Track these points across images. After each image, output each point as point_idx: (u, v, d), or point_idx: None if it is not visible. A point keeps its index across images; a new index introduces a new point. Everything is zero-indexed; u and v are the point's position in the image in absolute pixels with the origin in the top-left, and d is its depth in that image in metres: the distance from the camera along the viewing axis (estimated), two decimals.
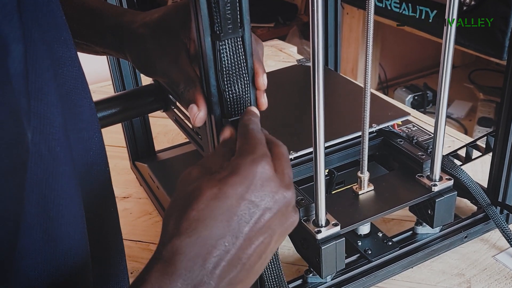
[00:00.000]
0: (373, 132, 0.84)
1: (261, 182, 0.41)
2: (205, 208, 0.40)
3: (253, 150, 0.43)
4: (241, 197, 0.41)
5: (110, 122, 0.71)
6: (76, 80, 0.44)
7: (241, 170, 0.41)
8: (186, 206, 0.40)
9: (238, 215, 0.40)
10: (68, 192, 0.41)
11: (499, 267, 0.78)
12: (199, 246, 0.39)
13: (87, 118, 0.46)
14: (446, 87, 0.69)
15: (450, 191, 0.74)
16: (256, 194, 0.41)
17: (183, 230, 0.39)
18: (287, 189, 0.43)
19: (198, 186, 0.41)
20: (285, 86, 1.00)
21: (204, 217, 0.40)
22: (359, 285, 0.73)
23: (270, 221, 0.42)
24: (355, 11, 2.22)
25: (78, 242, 0.43)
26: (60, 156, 0.40)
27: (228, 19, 0.46)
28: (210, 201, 0.40)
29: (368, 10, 0.63)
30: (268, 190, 0.42)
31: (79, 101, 0.45)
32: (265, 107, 0.52)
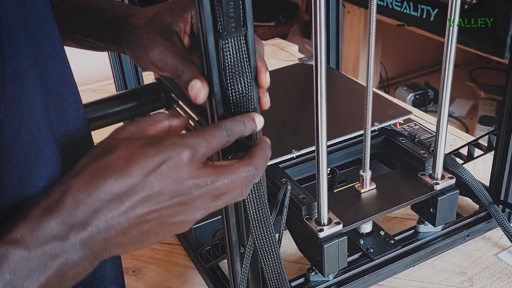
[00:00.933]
0: (375, 131, 0.84)
1: (169, 166, 0.41)
2: (111, 163, 0.40)
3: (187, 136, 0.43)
4: (147, 172, 0.40)
5: (113, 121, 0.71)
6: (61, 73, 0.45)
7: (158, 146, 0.41)
8: (98, 155, 0.41)
9: (140, 185, 0.40)
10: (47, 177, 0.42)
11: (501, 266, 0.78)
12: (90, 193, 0.39)
13: (73, 112, 0.46)
14: (448, 86, 0.69)
15: (452, 190, 0.74)
16: (158, 176, 0.41)
17: (83, 172, 0.40)
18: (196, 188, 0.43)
19: (118, 143, 0.41)
20: (287, 84, 1.00)
21: (107, 169, 0.40)
22: (361, 283, 0.73)
23: (164, 205, 0.42)
24: (356, 10, 2.22)
25: None
26: (39, 141, 0.41)
27: (231, 17, 0.46)
28: (117, 158, 0.40)
29: (370, 9, 0.63)
30: (173, 176, 0.41)
31: (64, 95, 0.45)
32: (267, 106, 0.53)
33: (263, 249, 0.56)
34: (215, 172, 0.44)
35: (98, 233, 0.40)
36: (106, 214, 0.40)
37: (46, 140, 0.42)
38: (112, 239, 0.41)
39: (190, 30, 0.58)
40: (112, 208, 0.40)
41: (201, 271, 0.79)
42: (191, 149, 0.42)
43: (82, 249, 0.39)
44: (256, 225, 0.54)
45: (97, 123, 0.69)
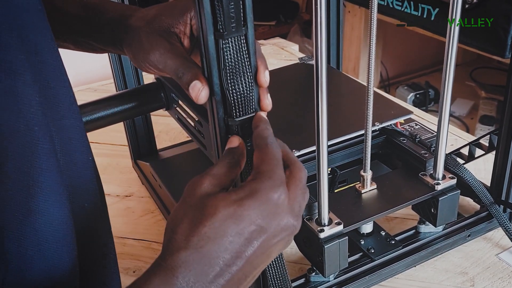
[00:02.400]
0: (376, 131, 0.84)
1: (275, 210, 0.43)
2: (218, 227, 0.41)
3: (271, 174, 0.44)
4: (254, 221, 0.42)
5: (113, 121, 0.71)
6: (54, 68, 0.44)
7: (258, 195, 0.43)
8: (198, 220, 0.42)
9: (247, 239, 0.42)
10: (47, 169, 0.42)
11: (502, 266, 0.77)
12: (205, 263, 0.41)
13: (67, 107, 0.46)
14: (450, 86, 0.69)
15: (453, 190, 0.74)
16: (268, 221, 0.43)
17: (192, 244, 0.41)
18: (296, 219, 0.45)
19: (214, 203, 0.42)
20: (287, 84, 0.99)
21: (215, 236, 0.41)
22: (362, 284, 0.73)
23: (274, 247, 0.44)
24: (356, 9, 2.22)
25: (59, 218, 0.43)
26: (38, 134, 0.41)
27: (231, 17, 0.46)
28: (223, 220, 0.41)
29: (371, 9, 0.62)
30: (279, 218, 0.43)
31: (58, 90, 0.45)
32: (269, 108, 0.52)
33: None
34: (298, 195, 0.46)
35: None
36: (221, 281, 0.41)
37: (44, 134, 0.42)
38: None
39: (189, 31, 0.58)
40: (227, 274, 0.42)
41: None
42: (284, 185, 0.44)
43: None
44: None
45: (97, 123, 0.69)
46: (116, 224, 0.54)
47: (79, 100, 0.72)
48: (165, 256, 0.42)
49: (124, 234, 0.89)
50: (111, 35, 0.60)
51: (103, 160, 1.09)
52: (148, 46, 0.56)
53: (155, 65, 0.56)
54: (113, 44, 0.61)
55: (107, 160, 1.10)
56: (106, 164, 1.08)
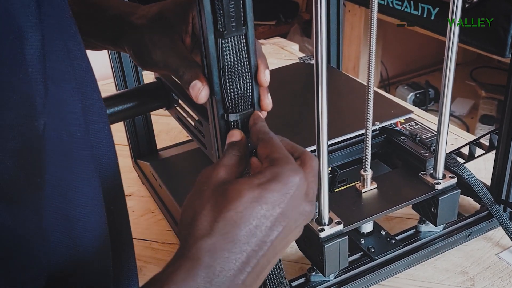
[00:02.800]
0: (376, 130, 0.84)
1: (297, 193, 0.43)
2: (244, 210, 0.41)
3: (288, 159, 0.44)
4: (278, 205, 0.42)
5: (113, 120, 0.71)
6: (86, 73, 0.44)
7: (281, 178, 0.42)
8: (222, 205, 0.41)
9: (272, 222, 0.42)
10: (85, 176, 0.42)
11: (502, 265, 0.77)
12: (231, 249, 0.40)
13: (97, 111, 0.46)
14: (450, 85, 0.69)
15: (454, 189, 0.74)
16: (290, 205, 0.43)
17: (217, 230, 0.40)
18: (312, 206, 0.45)
19: (237, 187, 0.42)
20: (287, 83, 0.99)
21: (241, 220, 0.41)
22: (362, 283, 0.73)
23: (293, 232, 0.44)
24: (356, 9, 2.22)
25: (94, 224, 0.43)
26: (80, 141, 0.41)
27: (231, 17, 0.46)
28: (249, 203, 0.41)
29: (371, 8, 0.62)
30: (299, 203, 0.43)
31: (89, 94, 0.45)
32: (270, 108, 0.53)
33: None
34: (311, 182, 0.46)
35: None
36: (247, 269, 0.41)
37: (86, 140, 0.42)
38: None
39: (191, 30, 0.58)
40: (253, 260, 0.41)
41: None
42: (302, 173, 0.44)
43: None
44: None
45: None
46: None
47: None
48: (188, 246, 0.40)
49: None
50: (112, 32, 0.60)
51: None
52: (150, 44, 0.56)
53: (156, 63, 0.56)
54: (113, 42, 0.61)
55: None
56: None
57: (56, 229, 0.40)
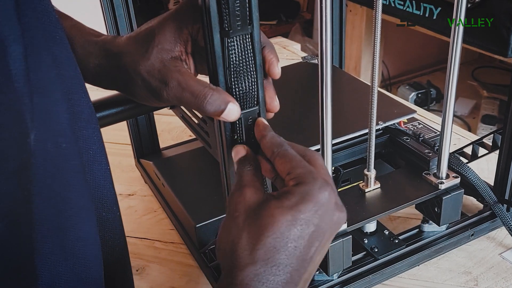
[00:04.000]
0: (379, 130, 0.84)
1: (327, 208, 0.44)
2: (281, 236, 0.42)
3: (314, 175, 0.44)
4: (312, 223, 0.43)
5: (117, 120, 0.70)
6: (73, 79, 0.44)
7: (310, 197, 0.43)
8: (260, 232, 0.42)
9: (308, 241, 0.43)
10: (75, 186, 0.42)
11: (506, 265, 0.77)
12: (276, 273, 0.42)
13: (86, 117, 0.45)
14: (454, 85, 0.69)
15: (457, 189, 0.74)
16: (323, 220, 0.44)
17: (259, 258, 0.42)
18: (342, 212, 0.46)
19: (269, 213, 0.43)
20: (290, 83, 0.99)
21: (280, 244, 0.42)
22: (366, 283, 0.73)
23: (328, 242, 0.45)
24: (358, 8, 2.22)
25: (86, 234, 0.43)
26: (67, 152, 0.40)
27: (237, 15, 0.45)
28: (284, 228, 0.42)
29: (375, 8, 0.62)
30: (331, 215, 0.44)
31: (77, 100, 0.44)
32: (277, 109, 0.53)
33: None
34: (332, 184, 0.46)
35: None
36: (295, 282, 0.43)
37: (73, 150, 0.41)
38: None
39: (191, 47, 0.53)
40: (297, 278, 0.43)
41: (205, 270, 0.79)
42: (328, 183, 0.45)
43: None
44: None
45: (101, 122, 0.69)
46: None
47: None
48: (234, 275, 0.42)
49: (126, 233, 0.88)
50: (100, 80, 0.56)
51: None
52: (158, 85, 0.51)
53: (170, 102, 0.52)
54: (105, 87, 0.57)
55: (110, 158, 1.09)
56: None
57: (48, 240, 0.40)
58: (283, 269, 0.42)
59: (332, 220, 0.44)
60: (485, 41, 0.84)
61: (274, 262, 0.42)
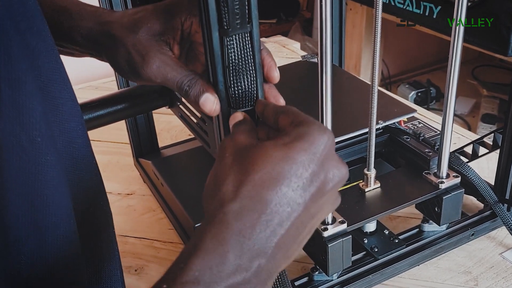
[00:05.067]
0: (379, 129, 0.84)
1: (326, 152, 0.40)
2: (271, 171, 0.38)
3: (313, 120, 0.41)
4: (308, 164, 0.39)
5: (116, 119, 0.70)
6: (54, 71, 0.43)
7: (308, 136, 0.39)
8: (249, 168, 0.39)
9: (304, 182, 0.39)
10: (52, 182, 0.41)
11: (506, 265, 0.77)
12: (261, 210, 0.37)
13: (68, 110, 0.45)
14: (454, 85, 0.68)
15: (458, 188, 0.73)
16: (321, 165, 0.39)
17: (244, 194, 0.38)
18: (344, 166, 0.42)
19: (262, 149, 0.39)
20: (290, 82, 0.99)
21: (270, 181, 0.38)
22: (366, 283, 0.73)
23: (328, 193, 0.41)
24: (358, 7, 2.21)
25: (64, 231, 0.42)
26: (42, 146, 0.40)
27: (236, 14, 0.45)
28: (276, 163, 0.38)
29: (376, 7, 0.62)
30: (331, 163, 0.40)
31: (57, 93, 0.43)
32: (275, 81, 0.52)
33: None
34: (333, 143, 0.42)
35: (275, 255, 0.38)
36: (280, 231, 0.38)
37: (48, 145, 0.41)
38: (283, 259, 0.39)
39: (180, 37, 0.54)
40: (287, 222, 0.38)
41: None
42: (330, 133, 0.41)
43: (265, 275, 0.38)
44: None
45: (100, 121, 0.69)
46: (117, 222, 0.53)
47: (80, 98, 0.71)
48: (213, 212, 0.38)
49: (125, 233, 0.89)
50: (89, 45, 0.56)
51: (104, 158, 1.09)
52: (139, 59, 0.52)
53: (151, 79, 0.52)
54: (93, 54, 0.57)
55: (108, 158, 1.09)
56: (107, 162, 1.08)
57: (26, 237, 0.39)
58: (271, 208, 0.37)
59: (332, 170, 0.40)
60: (485, 40, 0.83)
61: (260, 199, 0.37)
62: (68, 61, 0.48)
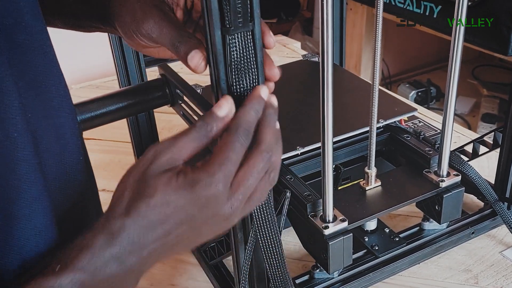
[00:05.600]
0: (380, 128, 0.84)
1: (207, 203, 0.43)
2: (153, 209, 0.42)
3: (216, 169, 0.43)
4: (187, 210, 0.43)
5: (117, 117, 0.70)
6: (43, 66, 0.43)
7: (194, 188, 0.42)
8: (139, 197, 0.42)
9: (177, 221, 0.43)
10: (28, 176, 0.41)
11: (506, 263, 0.77)
12: (140, 232, 0.42)
13: (57, 105, 0.45)
14: (455, 84, 0.69)
15: (458, 187, 0.74)
16: (199, 210, 0.43)
17: (131, 215, 0.42)
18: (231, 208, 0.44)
19: (155, 185, 0.42)
20: (291, 81, 0.99)
21: (149, 214, 0.42)
22: (366, 281, 0.73)
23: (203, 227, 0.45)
24: (358, 7, 2.21)
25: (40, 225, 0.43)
26: (18, 141, 0.40)
27: (238, 12, 0.45)
28: (159, 205, 0.42)
29: (377, 7, 0.62)
30: (211, 209, 0.44)
31: (46, 87, 0.44)
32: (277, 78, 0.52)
33: (266, 247, 0.56)
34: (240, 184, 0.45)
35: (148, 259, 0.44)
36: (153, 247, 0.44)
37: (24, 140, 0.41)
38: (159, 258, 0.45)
39: (183, 3, 0.56)
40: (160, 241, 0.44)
41: (205, 268, 0.79)
42: (226, 182, 0.43)
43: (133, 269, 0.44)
44: (260, 223, 0.54)
45: (102, 119, 0.69)
46: None
47: (81, 97, 0.71)
48: (109, 218, 0.43)
49: None
50: (99, 8, 0.58)
51: (106, 157, 1.09)
52: (141, 15, 0.53)
53: (149, 34, 0.53)
54: (102, 19, 0.58)
55: (110, 156, 1.10)
56: (108, 161, 1.08)
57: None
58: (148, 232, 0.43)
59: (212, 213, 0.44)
60: (485, 39, 0.84)
61: (140, 224, 0.42)
62: (69, 60, 0.48)
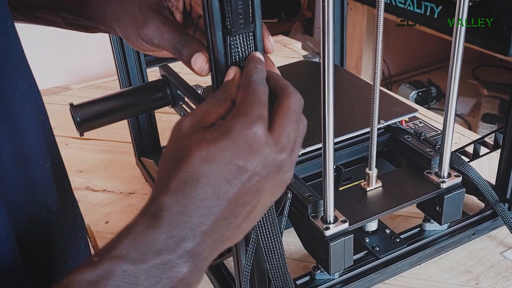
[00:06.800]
0: (380, 129, 0.84)
1: (251, 147, 0.40)
2: (192, 171, 0.39)
3: (247, 110, 0.41)
4: (230, 161, 0.40)
5: (118, 118, 0.70)
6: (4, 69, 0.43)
7: (232, 134, 0.40)
8: (176, 165, 0.40)
9: (225, 179, 0.40)
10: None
11: (507, 264, 0.77)
12: (184, 205, 0.39)
13: (19, 109, 0.44)
14: (456, 84, 0.69)
15: (459, 188, 0.74)
16: (245, 159, 0.40)
17: (171, 188, 0.40)
18: (279, 152, 0.42)
19: (188, 146, 0.40)
20: (292, 81, 0.99)
21: (191, 179, 0.39)
22: (367, 281, 0.73)
23: (259, 184, 0.41)
24: (359, 7, 2.21)
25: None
26: None
27: (239, 13, 0.45)
28: (197, 163, 0.39)
29: (378, 7, 0.62)
30: (258, 155, 0.41)
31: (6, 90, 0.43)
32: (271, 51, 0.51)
33: (267, 248, 0.56)
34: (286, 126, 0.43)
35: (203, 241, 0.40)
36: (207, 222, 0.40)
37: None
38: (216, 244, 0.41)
39: (182, 6, 0.56)
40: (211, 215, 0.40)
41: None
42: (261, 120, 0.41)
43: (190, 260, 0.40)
44: (261, 224, 0.54)
45: (103, 120, 0.69)
46: (119, 221, 0.54)
47: (82, 97, 0.71)
48: (149, 203, 0.41)
49: None
50: (100, 10, 0.58)
51: (106, 157, 1.09)
52: (141, 19, 0.53)
53: (150, 39, 0.53)
54: (103, 21, 0.59)
55: (111, 157, 1.10)
56: (109, 161, 1.08)
57: None
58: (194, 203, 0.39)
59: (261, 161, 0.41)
60: (486, 39, 0.84)
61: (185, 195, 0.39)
62: (70, 60, 0.48)
